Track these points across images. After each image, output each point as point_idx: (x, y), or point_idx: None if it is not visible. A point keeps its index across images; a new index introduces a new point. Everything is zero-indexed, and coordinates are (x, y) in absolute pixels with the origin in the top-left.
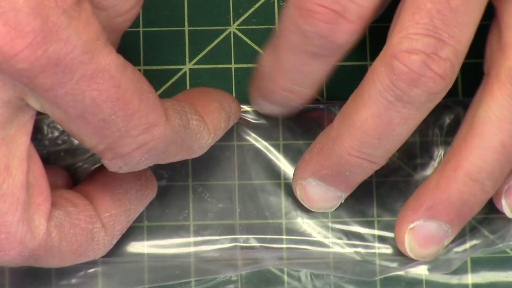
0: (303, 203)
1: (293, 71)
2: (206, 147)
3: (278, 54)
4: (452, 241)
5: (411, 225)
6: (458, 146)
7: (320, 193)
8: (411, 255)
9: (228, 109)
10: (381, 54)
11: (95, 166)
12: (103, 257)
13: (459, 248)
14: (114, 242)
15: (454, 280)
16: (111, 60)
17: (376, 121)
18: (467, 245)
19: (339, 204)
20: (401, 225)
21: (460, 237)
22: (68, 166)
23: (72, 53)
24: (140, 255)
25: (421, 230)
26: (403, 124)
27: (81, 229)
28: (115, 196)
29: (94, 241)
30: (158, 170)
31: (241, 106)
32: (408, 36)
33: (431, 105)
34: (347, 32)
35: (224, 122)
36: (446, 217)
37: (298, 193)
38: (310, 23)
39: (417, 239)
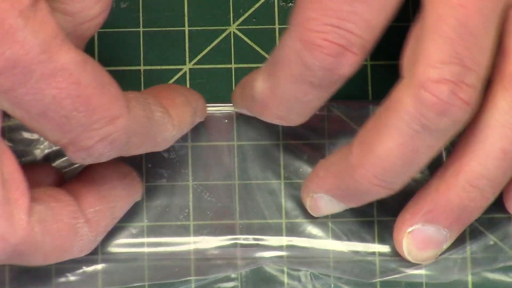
0: (309, 211)
1: (290, 101)
2: (171, 140)
3: (276, 83)
4: (452, 247)
5: (410, 229)
6: (459, 152)
7: (330, 207)
8: (409, 258)
9: (195, 104)
10: (404, 83)
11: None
12: (104, 257)
13: (459, 254)
14: (99, 239)
15: (454, 281)
16: (70, 57)
17: (402, 150)
18: (467, 248)
19: None
20: (400, 228)
21: (461, 243)
22: (67, 166)
23: (30, 53)
24: (140, 253)
25: (419, 234)
26: (428, 151)
27: (64, 224)
28: (99, 192)
29: (78, 236)
30: (158, 170)
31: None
32: (434, 65)
33: (456, 131)
34: (351, 64)
35: (190, 117)
36: (445, 221)
37: (308, 204)
38: (315, 57)
39: (415, 243)
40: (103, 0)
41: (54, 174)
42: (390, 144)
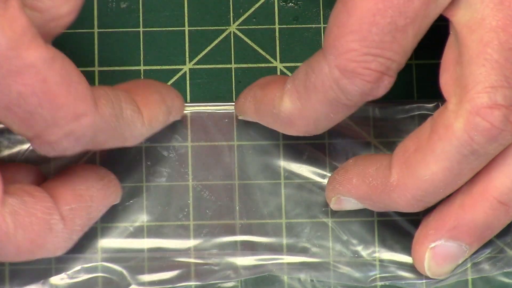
0: (330, 206)
1: (321, 119)
2: (140, 137)
3: (308, 105)
4: None
5: (433, 244)
6: (486, 167)
7: (353, 206)
8: (428, 273)
9: (171, 103)
10: (454, 109)
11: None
12: (105, 256)
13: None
14: (75, 238)
15: (453, 280)
16: (38, 55)
17: (446, 174)
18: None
19: None
20: (422, 243)
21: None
22: (58, 168)
23: None
24: (141, 252)
25: (442, 250)
26: (470, 174)
27: (38, 219)
28: (76, 191)
29: (53, 233)
30: (158, 168)
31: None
32: (485, 90)
33: (497, 153)
34: (387, 86)
35: (163, 116)
36: (468, 239)
37: (333, 202)
38: (355, 84)
39: (437, 259)
40: (73, 0)
41: (34, 173)
42: (435, 169)
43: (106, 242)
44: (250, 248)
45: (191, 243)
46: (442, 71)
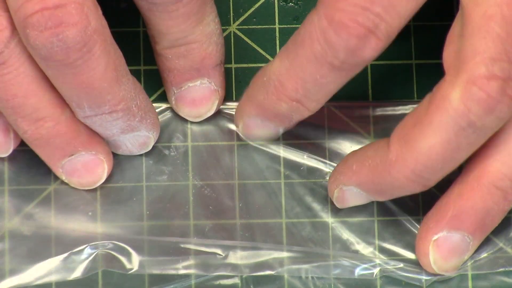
0: (334, 203)
1: (308, 82)
2: None
3: (296, 62)
4: None
5: (435, 237)
6: (479, 155)
7: (357, 199)
8: (434, 267)
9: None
10: (451, 79)
11: None
12: (103, 254)
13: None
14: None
15: (454, 281)
16: None
17: (445, 147)
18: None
19: None
20: (425, 238)
21: None
22: None
23: None
24: (140, 254)
25: (445, 242)
26: (468, 149)
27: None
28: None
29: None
30: (159, 166)
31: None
32: (483, 62)
33: (497, 129)
34: (374, 48)
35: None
36: (470, 227)
37: (336, 195)
38: (341, 36)
39: (441, 251)
40: None
41: None
42: (433, 141)
43: (107, 238)
44: (251, 247)
45: (191, 242)
46: (445, 46)
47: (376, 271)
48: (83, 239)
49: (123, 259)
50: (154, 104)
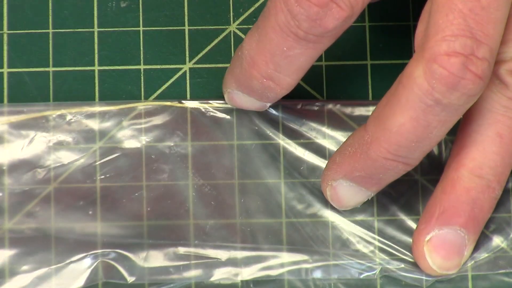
0: (332, 203)
1: (277, 54)
2: None
3: (263, 35)
4: None
5: (428, 237)
6: (456, 148)
7: (350, 194)
8: (435, 268)
9: None
10: (416, 57)
11: None
12: (103, 252)
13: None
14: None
15: (454, 281)
16: None
17: (414, 125)
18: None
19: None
20: (418, 241)
21: None
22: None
23: None
24: (141, 247)
25: (439, 239)
26: (441, 126)
27: None
28: None
29: None
30: (160, 166)
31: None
32: (444, 39)
33: (468, 106)
34: (336, 18)
35: None
36: (459, 220)
37: (328, 193)
38: (301, 5)
39: (437, 250)
40: None
41: None
42: (402, 119)
43: (107, 238)
44: (251, 247)
45: (191, 242)
46: (418, 24)
47: (376, 271)
48: (84, 241)
49: (122, 270)
50: (154, 103)
